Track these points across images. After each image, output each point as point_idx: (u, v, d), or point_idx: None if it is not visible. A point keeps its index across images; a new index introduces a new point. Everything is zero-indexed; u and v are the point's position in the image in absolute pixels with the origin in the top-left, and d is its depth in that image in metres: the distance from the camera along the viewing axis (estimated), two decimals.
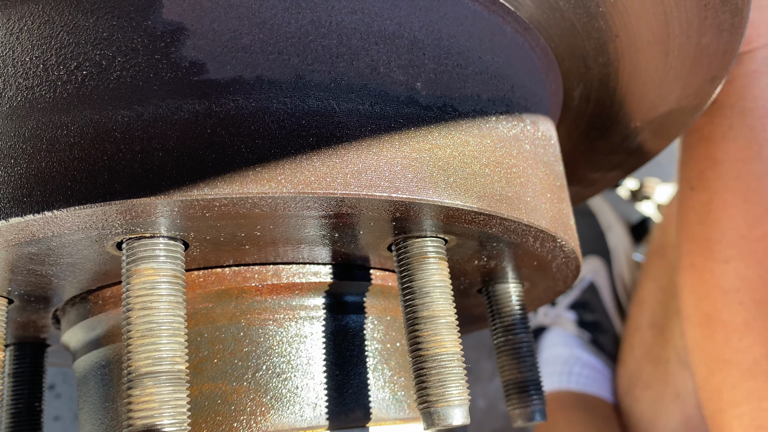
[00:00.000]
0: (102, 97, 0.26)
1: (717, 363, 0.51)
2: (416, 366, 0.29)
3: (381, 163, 0.27)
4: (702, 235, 0.53)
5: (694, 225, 0.54)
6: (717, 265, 0.51)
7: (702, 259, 0.53)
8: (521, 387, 0.37)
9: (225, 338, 0.32)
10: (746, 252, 0.49)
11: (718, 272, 0.51)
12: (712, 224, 0.51)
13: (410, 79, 0.29)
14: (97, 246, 0.28)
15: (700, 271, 0.53)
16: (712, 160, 0.50)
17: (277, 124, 0.26)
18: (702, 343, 0.53)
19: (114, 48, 0.26)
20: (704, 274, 0.53)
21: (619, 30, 0.36)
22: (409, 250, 0.31)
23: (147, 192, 0.24)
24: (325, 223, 0.28)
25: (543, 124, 0.35)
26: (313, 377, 0.32)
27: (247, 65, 0.26)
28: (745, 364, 0.49)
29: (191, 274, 0.32)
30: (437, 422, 0.28)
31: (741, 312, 0.50)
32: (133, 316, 0.26)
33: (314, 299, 0.33)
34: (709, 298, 0.52)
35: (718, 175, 0.50)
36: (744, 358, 0.49)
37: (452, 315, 0.30)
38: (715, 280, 0.51)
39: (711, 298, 0.52)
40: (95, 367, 0.34)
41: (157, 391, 0.26)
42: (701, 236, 0.53)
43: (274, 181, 0.25)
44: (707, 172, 0.51)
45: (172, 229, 0.27)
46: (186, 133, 0.25)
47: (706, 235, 0.52)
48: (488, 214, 0.29)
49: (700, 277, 0.53)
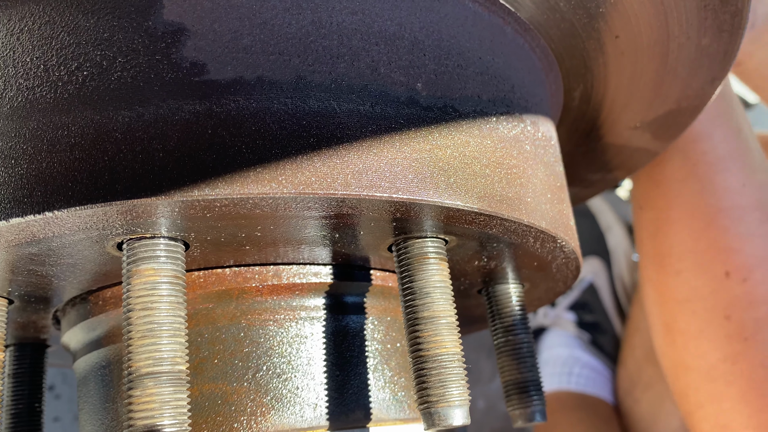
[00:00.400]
0: (103, 97, 0.26)
1: (680, 368, 0.55)
2: (417, 366, 0.29)
3: (381, 164, 0.27)
4: (654, 250, 0.56)
5: (646, 241, 0.58)
6: (669, 278, 0.55)
7: (656, 273, 0.57)
8: (521, 387, 0.37)
9: (225, 339, 0.32)
10: (693, 263, 0.53)
11: (671, 284, 0.55)
12: (662, 239, 0.55)
13: (411, 79, 0.29)
14: (98, 246, 0.28)
15: (656, 284, 0.57)
16: (654, 181, 0.55)
17: (278, 125, 0.26)
18: (666, 350, 0.57)
19: (115, 48, 0.26)
20: (660, 287, 0.56)
21: (619, 31, 0.36)
22: (409, 251, 0.31)
23: (148, 192, 0.24)
24: (325, 223, 0.28)
25: (543, 124, 0.35)
26: (313, 378, 0.32)
27: (247, 66, 0.26)
28: (704, 369, 0.52)
29: (192, 274, 0.32)
30: (438, 423, 0.28)
31: (695, 320, 0.53)
32: (134, 317, 0.26)
33: (315, 300, 0.33)
34: (666, 308, 0.56)
35: (660, 194, 0.55)
36: (702, 363, 0.52)
37: (453, 315, 0.30)
38: (670, 292, 0.55)
39: (668, 308, 0.55)
40: (95, 367, 0.34)
41: (157, 392, 0.26)
42: (653, 251, 0.57)
43: (275, 181, 0.25)
44: (651, 192, 0.55)
45: (172, 229, 0.27)
46: (187, 134, 0.25)
47: (657, 249, 0.56)
48: (489, 215, 0.29)
49: (657, 289, 0.57)
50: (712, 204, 0.52)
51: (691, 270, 0.53)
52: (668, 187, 0.54)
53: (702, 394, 0.52)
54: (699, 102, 0.43)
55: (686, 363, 0.54)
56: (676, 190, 0.53)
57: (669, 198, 0.54)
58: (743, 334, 0.50)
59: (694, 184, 0.53)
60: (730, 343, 0.50)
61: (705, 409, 0.52)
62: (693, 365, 0.53)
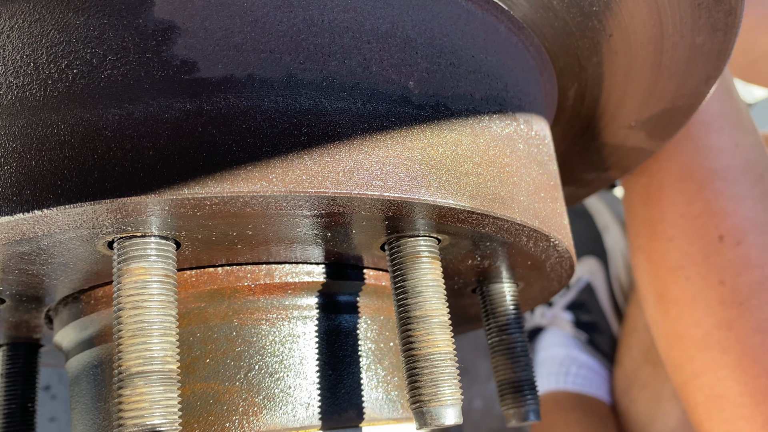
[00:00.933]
0: (92, 95, 0.26)
1: (674, 338, 0.53)
2: (409, 365, 0.29)
3: (373, 162, 0.27)
4: (645, 217, 0.55)
5: (637, 208, 0.56)
6: (662, 245, 0.53)
7: (647, 240, 0.55)
8: (515, 387, 0.37)
9: (217, 338, 0.32)
10: (686, 228, 0.51)
11: (664, 251, 0.53)
12: (653, 205, 0.54)
13: (403, 78, 0.29)
14: (88, 245, 0.28)
15: (647, 252, 0.55)
16: None
17: (269, 123, 0.25)
18: (659, 320, 0.55)
19: (105, 46, 0.26)
20: (651, 255, 0.55)
21: (613, 29, 0.36)
22: (401, 250, 0.31)
23: (137, 191, 0.24)
24: (317, 222, 0.28)
25: (537, 123, 0.35)
26: (305, 377, 0.32)
27: (238, 64, 0.26)
28: (698, 337, 0.51)
29: (183, 273, 0.32)
30: (430, 422, 0.28)
31: (689, 287, 0.51)
32: (124, 316, 0.26)
33: (307, 299, 0.33)
34: (659, 276, 0.54)
35: (652, 159, 0.52)
36: (696, 332, 0.51)
37: (445, 314, 0.30)
38: (662, 259, 0.53)
39: (661, 276, 0.54)
40: (87, 367, 0.34)
41: (147, 391, 0.26)
42: (644, 218, 0.55)
43: (266, 179, 0.25)
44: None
45: (163, 228, 0.27)
46: (177, 132, 0.25)
47: (649, 216, 0.54)
48: (481, 213, 0.29)
49: (648, 257, 0.55)
50: (705, 166, 0.51)
51: (685, 235, 0.52)
52: (662, 150, 0.52)
53: (697, 363, 0.51)
54: (694, 101, 0.43)
55: (680, 332, 0.53)
56: (669, 153, 0.52)
57: (661, 161, 0.52)
58: (738, 299, 0.49)
59: (687, 146, 0.51)
60: (725, 309, 0.49)
61: (700, 379, 0.51)
62: (687, 334, 0.52)
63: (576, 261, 0.37)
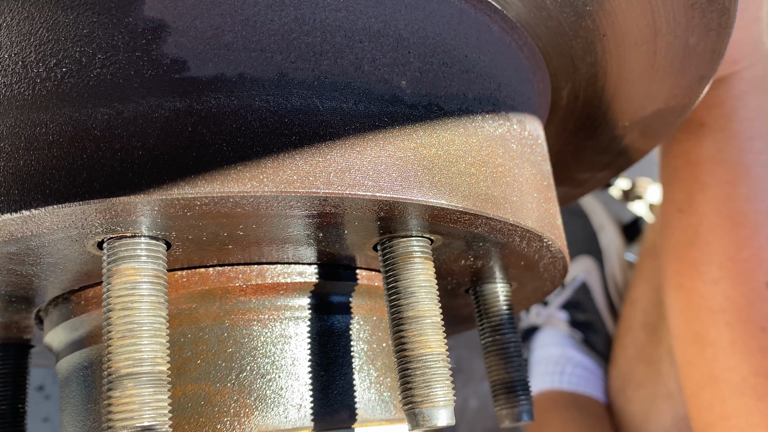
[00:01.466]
0: (81, 94, 0.25)
1: (706, 379, 0.53)
2: (401, 366, 0.29)
3: (365, 162, 0.27)
4: (690, 257, 0.54)
5: (682, 246, 0.55)
6: (705, 286, 0.53)
7: (690, 280, 0.54)
8: (509, 387, 0.37)
9: (209, 339, 0.31)
10: (734, 273, 0.51)
11: (706, 293, 0.52)
12: (701, 246, 0.53)
13: (395, 77, 0.28)
14: (78, 246, 0.28)
15: (688, 292, 0.55)
16: (701, 184, 0.52)
17: (260, 122, 0.25)
18: (691, 359, 0.55)
19: (94, 45, 0.26)
20: (692, 295, 0.54)
21: (606, 29, 0.36)
22: (394, 250, 0.30)
23: (127, 191, 0.24)
24: (309, 222, 0.28)
25: (530, 123, 0.35)
26: (297, 378, 0.32)
27: (229, 63, 0.26)
28: (733, 381, 0.50)
29: (174, 274, 0.32)
30: (422, 423, 0.28)
31: (728, 332, 0.51)
32: (114, 317, 0.26)
33: (299, 299, 0.33)
34: (697, 318, 0.53)
35: (707, 199, 0.51)
36: (732, 376, 0.50)
37: (438, 315, 0.30)
38: (704, 301, 0.53)
39: (699, 318, 0.53)
40: (78, 368, 0.34)
41: (137, 393, 0.25)
42: (689, 258, 0.54)
43: (256, 179, 0.25)
44: (696, 195, 0.52)
45: (153, 228, 0.27)
46: (166, 131, 0.25)
47: (695, 256, 0.53)
48: (474, 214, 0.29)
49: (688, 297, 0.55)
50: (762, 210, 0.49)
51: (730, 279, 0.51)
52: (717, 190, 0.50)
53: (729, 407, 0.51)
54: (687, 101, 0.43)
55: (714, 374, 0.52)
56: (725, 193, 0.50)
57: (716, 202, 0.51)
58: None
59: (747, 188, 0.50)
60: (764, 357, 0.48)
61: (730, 422, 0.51)
62: (722, 377, 0.51)
63: (569, 261, 0.37)
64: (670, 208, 0.56)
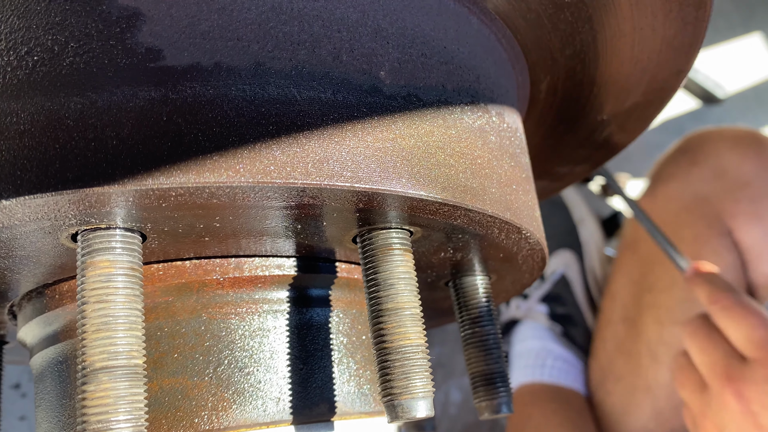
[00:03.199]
0: (54, 83, 0.25)
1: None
2: (380, 358, 0.29)
3: (343, 153, 0.26)
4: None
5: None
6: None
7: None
8: (488, 379, 0.37)
9: (186, 332, 0.31)
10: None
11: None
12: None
13: (374, 67, 0.28)
14: (51, 238, 0.27)
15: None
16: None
17: (236, 112, 0.25)
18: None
19: (67, 33, 0.26)
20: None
21: (584, 22, 0.36)
22: (373, 242, 0.30)
23: (100, 181, 0.24)
24: (287, 214, 0.28)
25: (509, 115, 0.35)
26: (276, 372, 0.31)
27: (205, 52, 0.26)
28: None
29: (151, 267, 0.31)
30: (401, 415, 0.28)
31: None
32: (88, 310, 0.26)
33: (278, 292, 0.33)
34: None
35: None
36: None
37: (417, 307, 0.30)
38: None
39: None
40: (52, 363, 0.33)
41: (112, 387, 0.25)
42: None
43: (232, 170, 0.24)
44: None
45: (128, 220, 0.26)
46: (141, 121, 0.24)
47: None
48: (452, 205, 0.29)
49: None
50: None
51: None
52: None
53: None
54: (665, 94, 0.43)
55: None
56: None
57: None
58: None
59: None
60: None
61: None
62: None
63: (548, 253, 0.37)
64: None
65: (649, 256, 0.85)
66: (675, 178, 0.85)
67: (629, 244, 0.90)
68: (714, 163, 0.82)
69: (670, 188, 0.84)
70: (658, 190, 0.86)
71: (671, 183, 0.85)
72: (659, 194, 0.85)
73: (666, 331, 0.80)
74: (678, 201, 0.83)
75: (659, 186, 0.86)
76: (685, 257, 0.60)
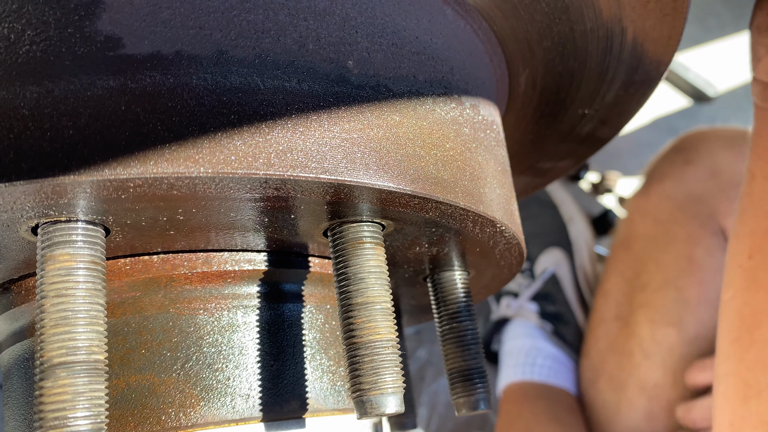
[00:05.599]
0: (9, 72, 0.24)
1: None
2: (350, 353, 0.28)
3: (309, 143, 0.26)
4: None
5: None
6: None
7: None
8: (465, 375, 0.37)
9: (153, 328, 0.30)
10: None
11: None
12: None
13: (341, 56, 0.28)
14: (11, 231, 0.27)
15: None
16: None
17: (196, 101, 0.24)
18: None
19: (23, 21, 0.25)
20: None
21: (561, 12, 0.36)
22: (344, 236, 0.30)
23: (56, 172, 0.23)
24: (253, 206, 0.27)
25: (484, 108, 0.34)
26: (246, 368, 0.31)
27: (166, 40, 0.25)
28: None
29: (117, 261, 0.31)
30: (370, 411, 0.28)
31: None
32: (47, 304, 0.25)
33: (248, 287, 0.32)
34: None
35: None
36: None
37: (388, 301, 0.29)
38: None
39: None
40: (19, 360, 0.33)
41: (70, 383, 0.24)
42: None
43: (191, 160, 0.24)
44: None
45: (88, 212, 0.26)
46: (99, 110, 0.24)
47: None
48: (423, 197, 0.28)
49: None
50: None
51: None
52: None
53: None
54: (646, 87, 0.42)
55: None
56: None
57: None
58: None
59: None
60: None
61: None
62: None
63: (525, 248, 0.36)
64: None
65: (643, 255, 0.84)
66: (669, 176, 0.84)
67: (623, 242, 0.89)
68: (708, 162, 0.82)
69: (664, 187, 0.84)
70: (652, 189, 0.85)
71: (665, 181, 0.84)
72: (653, 192, 0.85)
73: (659, 331, 0.80)
74: (672, 200, 0.83)
75: (653, 184, 0.86)
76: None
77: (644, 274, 0.84)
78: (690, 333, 0.78)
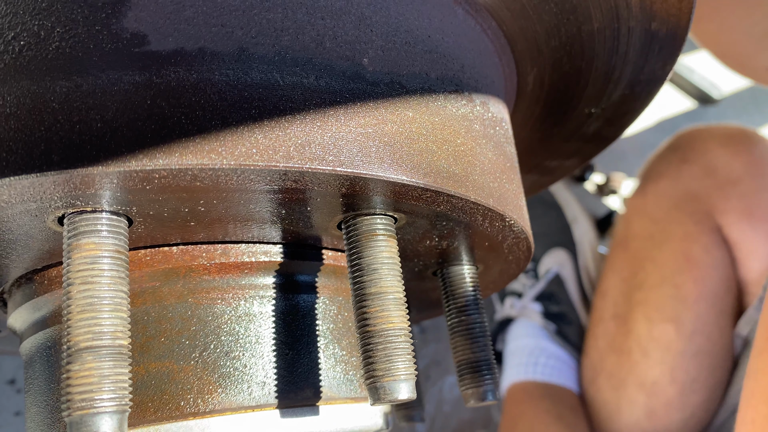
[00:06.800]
0: (40, 67, 0.25)
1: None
2: (363, 342, 0.29)
3: (326, 137, 0.27)
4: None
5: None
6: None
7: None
8: (474, 367, 0.38)
9: (172, 317, 0.31)
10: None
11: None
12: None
13: (357, 54, 0.29)
14: (38, 221, 0.28)
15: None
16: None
17: (219, 96, 0.25)
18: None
19: (53, 18, 0.26)
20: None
21: (569, 13, 0.36)
22: (358, 228, 0.31)
23: (84, 163, 0.24)
24: (271, 198, 0.28)
25: (494, 105, 0.35)
26: (261, 356, 0.32)
27: (189, 37, 0.26)
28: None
29: (138, 252, 0.32)
30: (383, 397, 0.29)
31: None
32: (74, 291, 0.26)
33: (264, 278, 0.33)
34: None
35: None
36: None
37: (400, 291, 0.30)
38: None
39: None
40: (41, 348, 0.34)
41: (96, 366, 0.25)
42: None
43: (214, 152, 0.25)
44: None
45: (113, 203, 0.27)
46: (125, 104, 0.25)
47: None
48: (435, 191, 0.29)
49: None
50: None
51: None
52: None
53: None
54: (651, 87, 0.43)
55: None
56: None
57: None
58: None
59: None
60: None
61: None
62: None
63: (533, 243, 0.37)
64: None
65: (640, 254, 0.85)
66: (666, 175, 0.85)
67: (620, 242, 0.90)
68: (704, 160, 0.83)
69: (660, 185, 0.85)
70: (648, 188, 0.86)
71: (662, 180, 0.85)
72: (650, 191, 0.86)
73: (656, 328, 0.81)
74: (668, 198, 0.83)
75: (650, 183, 0.86)
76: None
77: (641, 273, 0.85)
78: (687, 329, 0.78)
